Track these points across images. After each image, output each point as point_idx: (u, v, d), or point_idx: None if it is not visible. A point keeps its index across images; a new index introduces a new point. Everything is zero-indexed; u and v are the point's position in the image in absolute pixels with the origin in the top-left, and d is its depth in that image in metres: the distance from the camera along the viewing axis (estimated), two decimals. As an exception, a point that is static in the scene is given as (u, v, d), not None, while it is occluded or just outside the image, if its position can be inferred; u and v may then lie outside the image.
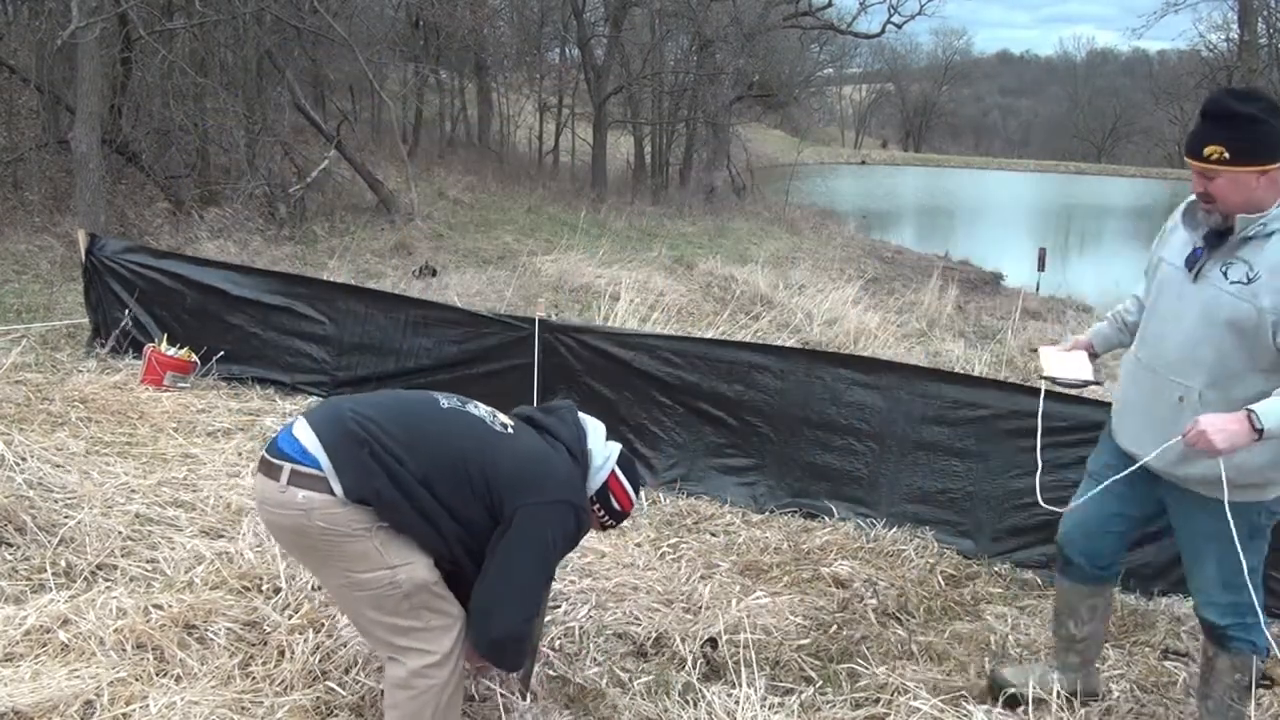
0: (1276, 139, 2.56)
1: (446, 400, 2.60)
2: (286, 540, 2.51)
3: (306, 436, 2.39)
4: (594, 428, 2.71)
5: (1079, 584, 3.12)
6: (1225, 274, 2.61)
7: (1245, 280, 2.56)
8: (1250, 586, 2.73)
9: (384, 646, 2.47)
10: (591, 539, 4.15)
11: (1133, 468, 2.83)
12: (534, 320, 5.35)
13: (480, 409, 2.61)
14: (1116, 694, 3.30)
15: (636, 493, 2.74)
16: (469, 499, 2.41)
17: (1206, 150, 2.57)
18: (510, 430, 2.56)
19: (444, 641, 2.44)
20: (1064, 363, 3.16)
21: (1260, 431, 2.46)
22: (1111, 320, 3.17)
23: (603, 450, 2.67)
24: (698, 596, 3.70)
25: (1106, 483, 2.91)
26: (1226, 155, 2.54)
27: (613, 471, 2.66)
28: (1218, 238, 2.65)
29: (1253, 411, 2.47)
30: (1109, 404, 4.66)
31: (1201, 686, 3.01)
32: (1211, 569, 2.81)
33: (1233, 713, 2.91)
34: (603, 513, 2.68)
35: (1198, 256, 2.69)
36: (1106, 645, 3.66)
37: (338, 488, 2.33)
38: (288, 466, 2.35)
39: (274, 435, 2.48)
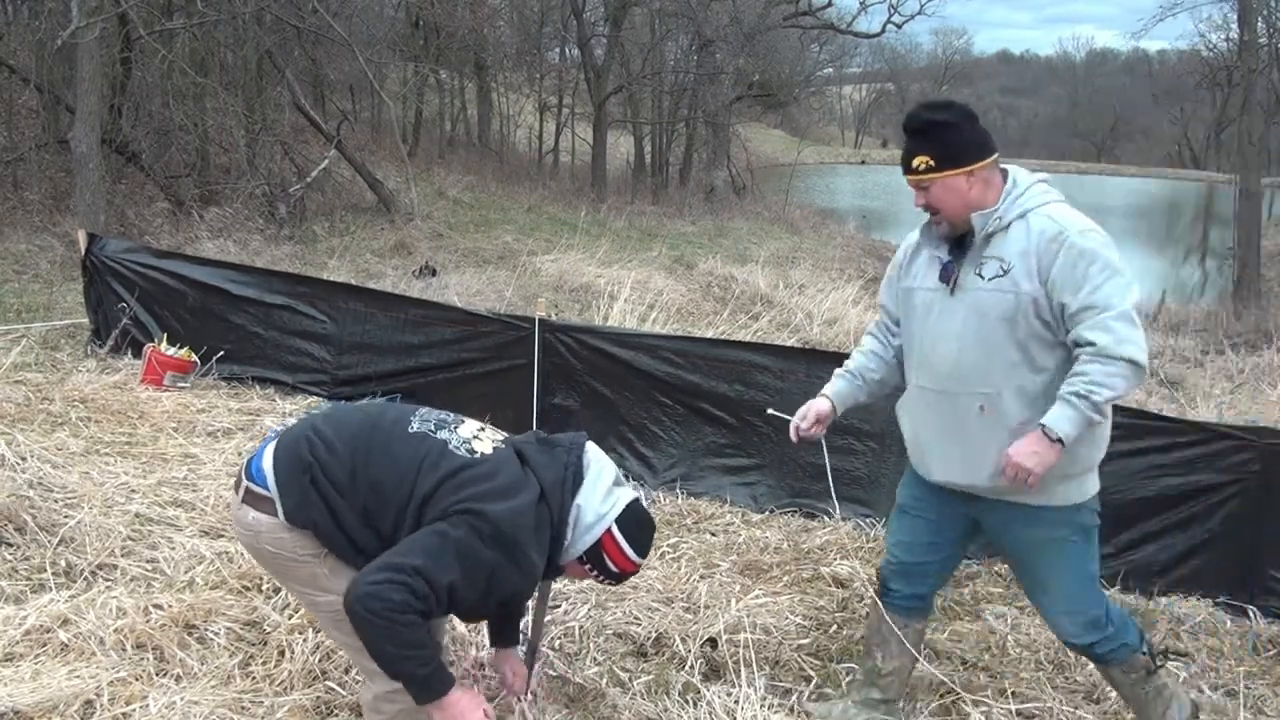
0: (974, 141, 2.65)
1: (420, 423, 2.39)
2: (252, 556, 2.50)
3: (269, 455, 2.33)
4: (596, 477, 2.40)
5: (895, 613, 2.99)
6: (981, 275, 2.64)
7: (1002, 273, 2.61)
8: (1099, 592, 2.78)
9: (355, 664, 2.42)
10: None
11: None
12: (534, 320, 5.35)
13: (459, 431, 2.40)
14: (1116, 694, 3.29)
15: (644, 550, 2.44)
16: (409, 531, 2.25)
17: (914, 163, 2.67)
18: (481, 455, 2.33)
19: None
20: None
21: (1060, 441, 2.49)
22: (850, 377, 3.00)
23: (599, 506, 2.36)
24: (698, 596, 3.70)
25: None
26: (932, 164, 2.63)
27: (608, 531, 2.36)
28: (960, 246, 2.70)
29: (1045, 425, 2.50)
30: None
31: (1117, 692, 2.98)
32: (1056, 584, 2.75)
33: (1151, 692, 2.85)
34: (594, 571, 2.42)
35: (950, 269, 2.71)
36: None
37: (280, 512, 2.28)
38: (245, 484, 2.33)
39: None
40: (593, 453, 2.45)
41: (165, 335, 6.21)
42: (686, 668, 3.24)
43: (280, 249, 12.18)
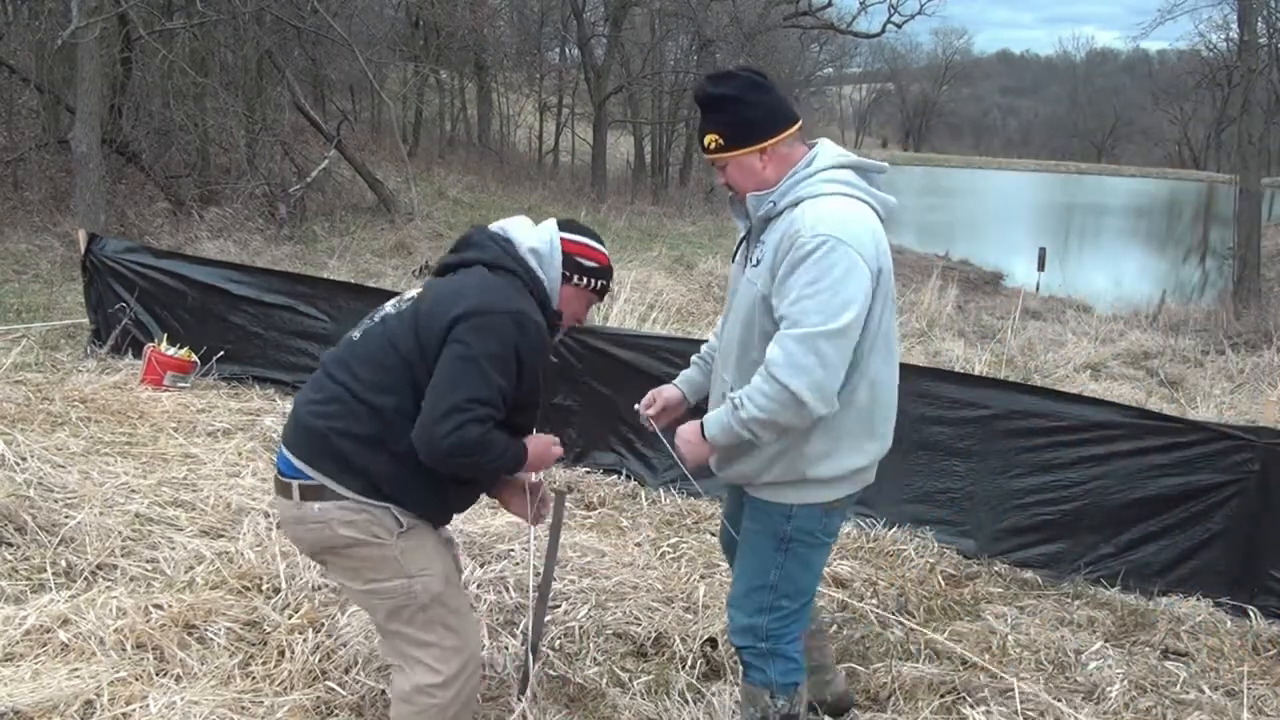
0: (764, 115, 2.40)
1: (360, 327, 2.46)
2: (314, 554, 2.49)
3: (288, 450, 2.37)
4: (515, 225, 2.53)
5: None
6: (752, 261, 2.46)
7: (757, 263, 2.42)
8: (771, 610, 2.52)
9: (396, 655, 2.45)
10: (591, 539, 4.15)
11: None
12: (534, 320, 5.34)
13: (389, 304, 2.47)
14: (1116, 694, 3.30)
15: (598, 238, 2.58)
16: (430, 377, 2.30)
17: (706, 141, 2.45)
18: (419, 294, 2.42)
19: (452, 663, 2.40)
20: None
21: (709, 440, 2.40)
22: (702, 364, 2.86)
23: (539, 234, 2.50)
24: (698, 596, 3.70)
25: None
26: (722, 142, 2.42)
27: (564, 240, 2.51)
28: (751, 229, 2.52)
29: (703, 422, 2.42)
30: (1108, 402, 4.68)
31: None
32: (739, 573, 2.63)
33: None
34: (584, 280, 2.52)
35: (743, 251, 2.56)
36: (1106, 644, 3.67)
37: (345, 490, 2.31)
38: (295, 483, 2.34)
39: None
40: (497, 224, 2.54)
41: (165, 335, 6.21)
42: (686, 668, 3.24)
43: (280, 249, 12.18)
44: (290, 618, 3.22)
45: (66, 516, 3.80)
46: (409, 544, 2.36)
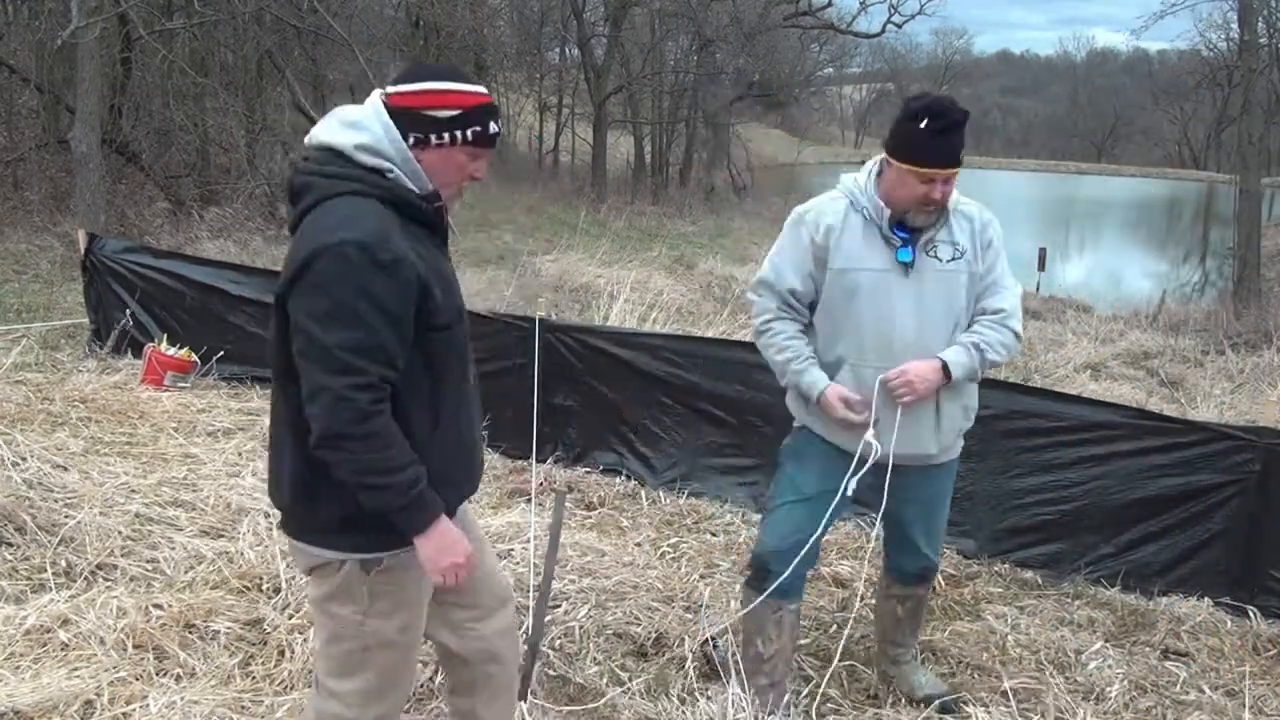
0: None
1: None
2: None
3: None
4: (334, 131, 1.98)
5: (773, 597, 2.98)
6: (937, 257, 2.84)
7: (955, 257, 2.85)
8: None
9: (320, 674, 2.19)
10: (591, 539, 4.15)
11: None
12: (534, 320, 5.34)
13: None
14: (1116, 694, 3.30)
15: (450, 78, 1.99)
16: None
17: (961, 155, 2.80)
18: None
19: (367, 710, 2.13)
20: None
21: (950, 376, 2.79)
22: (814, 360, 2.93)
23: (363, 123, 1.96)
24: (698, 596, 3.70)
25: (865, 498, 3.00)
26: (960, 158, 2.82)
27: (393, 97, 1.97)
28: (914, 231, 2.85)
29: (946, 362, 2.78)
30: (1108, 403, 4.68)
31: (910, 622, 3.25)
32: (940, 524, 3.15)
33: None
34: (444, 135, 1.97)
35: (909, 253, 2.83)
36: (1106, 644, 3.66)
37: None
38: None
39: None
40: (311, 136, 2.07)
41: (165, 335, 6.21)
42: (686, 668, 3.24)
43: (280, 249, 12.16)
44: (290, 618, 3.22)
45: (66, 516, 3.80)
46: (384, 580, 2.09)
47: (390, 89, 2.00)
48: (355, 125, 1.96)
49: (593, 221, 17.79)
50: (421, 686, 2.96)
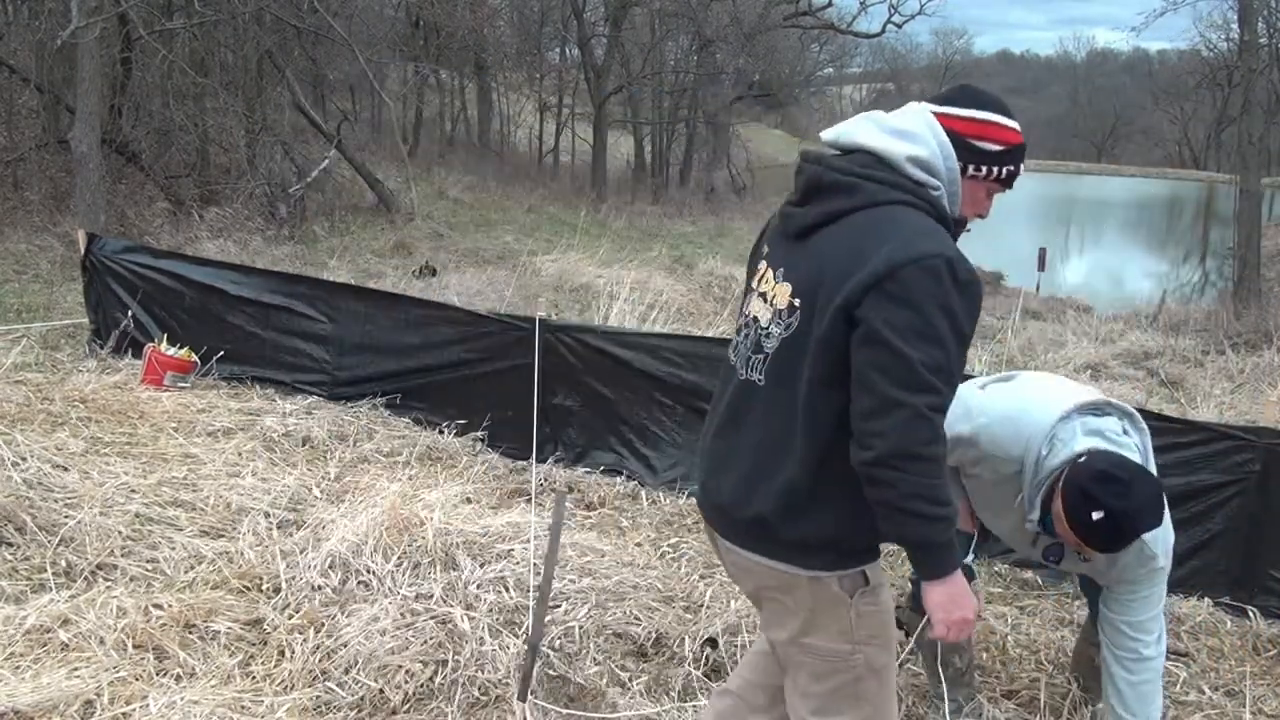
0: None
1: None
2: (755, 592, 2.11)
3: None
4: (872, 135, 1.92)
5: None
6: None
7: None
8: None
9: (803, 714, 2.03)
10: (591, 539, 4.15)
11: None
12: (534, 320, 5.34)
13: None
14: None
15: (998, 109, 1.96)
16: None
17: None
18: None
19: None
20: None
21: None
22: None
23: (916, 134, 1.91)
24: (698, 596, 3.70)
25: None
26: None
27: (949, 119, 1.93)
28: None
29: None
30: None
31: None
32: None
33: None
34: (983, 169, 1.93)
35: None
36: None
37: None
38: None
39: None
40: (831, 134, 2.01)
41: (165, 335, 6.21)
42: (686, 668, 3.24)
43: (280, 249, 12.17)
44: (290, 618, 3.22)
45: (66, 516, 3.80)
46: (866, 604, 2.03)
47: (940, 108, 1.95)
48: (908, 136, 1.90)
49: (593, 221, 17.79)
50: (422, 686, 2.96)
